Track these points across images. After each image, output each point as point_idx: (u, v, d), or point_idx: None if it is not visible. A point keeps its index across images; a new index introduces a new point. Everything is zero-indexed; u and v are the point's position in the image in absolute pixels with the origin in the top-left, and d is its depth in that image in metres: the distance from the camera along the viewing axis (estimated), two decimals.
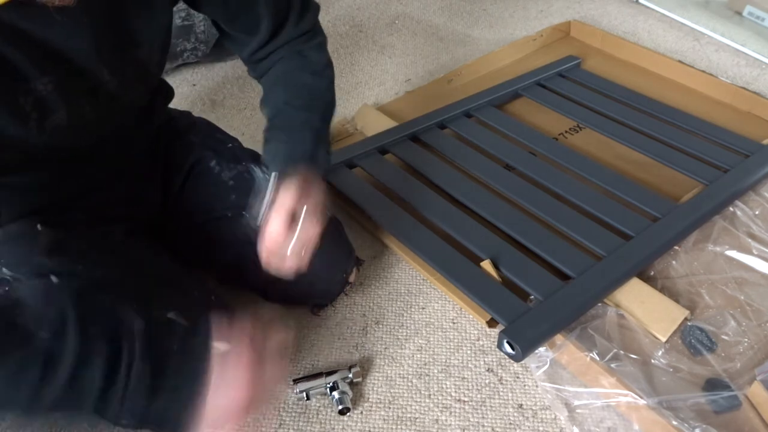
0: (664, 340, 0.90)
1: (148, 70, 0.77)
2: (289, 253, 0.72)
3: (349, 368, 0.87)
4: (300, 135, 0.79)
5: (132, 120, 0.83)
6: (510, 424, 0.84)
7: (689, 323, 0.93)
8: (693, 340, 0.91)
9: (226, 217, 0.89)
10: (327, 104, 0.85)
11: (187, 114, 0.99)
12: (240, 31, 0.82)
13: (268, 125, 0.82)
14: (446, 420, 0.85)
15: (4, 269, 0.67)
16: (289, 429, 0.84)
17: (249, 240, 0.80)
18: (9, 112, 0.61)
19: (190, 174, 0.91)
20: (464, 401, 0.87)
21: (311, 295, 0.95)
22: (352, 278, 0.96)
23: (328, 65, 0.87)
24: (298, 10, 0.82)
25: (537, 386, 0.88)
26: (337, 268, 0.93)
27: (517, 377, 0.90)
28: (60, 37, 0.62)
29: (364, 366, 0.91)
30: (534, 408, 0.86)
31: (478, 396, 0.88)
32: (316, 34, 0.86)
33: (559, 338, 0.88)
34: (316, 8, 0.85)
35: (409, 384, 0.89)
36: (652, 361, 0.88)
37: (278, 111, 0.82)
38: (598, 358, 0.85)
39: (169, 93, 0.93)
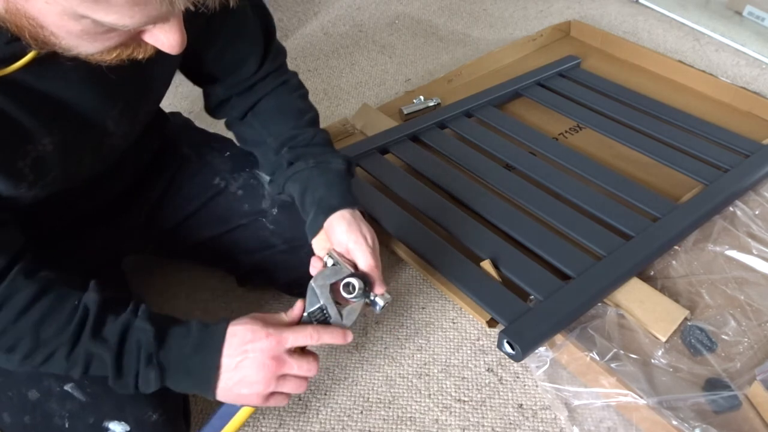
0: (664, 340, 0.90)
1: (151, 111, 0.76)
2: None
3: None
4: (333, 175, 0.79)
5: (128, 149, 0.80)
6: (510, 424, 0.84)
7: (689, 323, 0.93)
8: (693, 340, 0.91)
9: (243, 226, 0.89)
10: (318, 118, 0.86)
11: (177, 115, 0.98)
12: (229, 64, 0.80)
13: (288, 149, 0.80)
14: (446, 420, 0.85)
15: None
16: (289, 429, 0.84)
17: (270, 244, 0.80)
18: (4, 176, 0.58)
19: (205, 204, 0.90)
20: (464, 401, 0.87)
21: None
22: None
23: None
24: (274, 44, 0.83)
25: (537, 386, 0.88)
26: None
27: (517, 377, 0.90)
28: (76, 93, 0.60)
29: (364, 366, 0.91)
30: (534, 408, 0.86)
31: (478, 396, 0.88)
32: (286, 68, 0.87)
33: (559, 338, 0.88)
34: (285, 49, 0.86)
35: (409, 384, 0.89)
36: (652, 361, 0.88)
37: (291, 136, 0.81)
38: (598, 358, 0.85)
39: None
